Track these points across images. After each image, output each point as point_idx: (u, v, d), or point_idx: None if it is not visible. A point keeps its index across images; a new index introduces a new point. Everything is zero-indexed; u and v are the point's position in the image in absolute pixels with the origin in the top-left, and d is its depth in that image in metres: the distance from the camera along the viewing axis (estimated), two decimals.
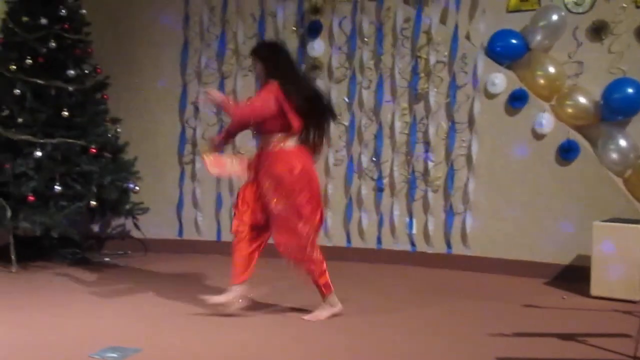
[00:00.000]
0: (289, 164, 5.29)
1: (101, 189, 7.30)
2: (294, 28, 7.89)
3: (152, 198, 7.90)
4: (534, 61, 7.11)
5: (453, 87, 7.43)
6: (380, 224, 7.73)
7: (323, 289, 5.46)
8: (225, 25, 8.02)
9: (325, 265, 5.46)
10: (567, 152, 6.99)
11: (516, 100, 7.18)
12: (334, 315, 5.47)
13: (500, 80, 7.24)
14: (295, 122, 5.30)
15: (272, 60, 5.41)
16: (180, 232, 8.22)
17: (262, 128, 5.40)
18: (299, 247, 5.33)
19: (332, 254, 7.66)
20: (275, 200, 5.30)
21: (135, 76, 8.17)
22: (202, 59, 8.07)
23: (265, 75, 5.43)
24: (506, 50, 7.23)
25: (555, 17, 7.02)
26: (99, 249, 8.09)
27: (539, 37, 7.07)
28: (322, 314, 5.46)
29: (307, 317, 5.45)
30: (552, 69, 7.06)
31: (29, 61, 7.21)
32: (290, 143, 5.36)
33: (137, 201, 7.76)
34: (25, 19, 7.34)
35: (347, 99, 7.78)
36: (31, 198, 6.98)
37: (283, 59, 5.46)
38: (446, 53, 7.45)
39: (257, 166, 5.43)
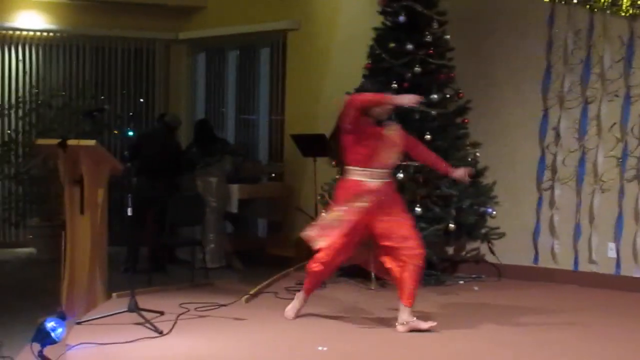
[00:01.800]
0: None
1: (460, 212, 7.39)
2: None
3: (508, 223, 7.83)
4: None
5: None
6: None
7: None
8: (591, 49, 7.74)
9: None
10: None
11: None
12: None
13: None
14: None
15: None
16: (536, 259, 8.03)
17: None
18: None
19: None
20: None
21: (495, 101, 8.16)
22: (565, 84, 7.85)
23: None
24: None
25: None
26: (453, 272, 8.12)
27: None
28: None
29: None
30: None
31: (394, 86, 7.44)
32: None
33: (493, 226, 7.75)
34: (391, 45, 7.65)
35: None
36: None
37: None
38: None
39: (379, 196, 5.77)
